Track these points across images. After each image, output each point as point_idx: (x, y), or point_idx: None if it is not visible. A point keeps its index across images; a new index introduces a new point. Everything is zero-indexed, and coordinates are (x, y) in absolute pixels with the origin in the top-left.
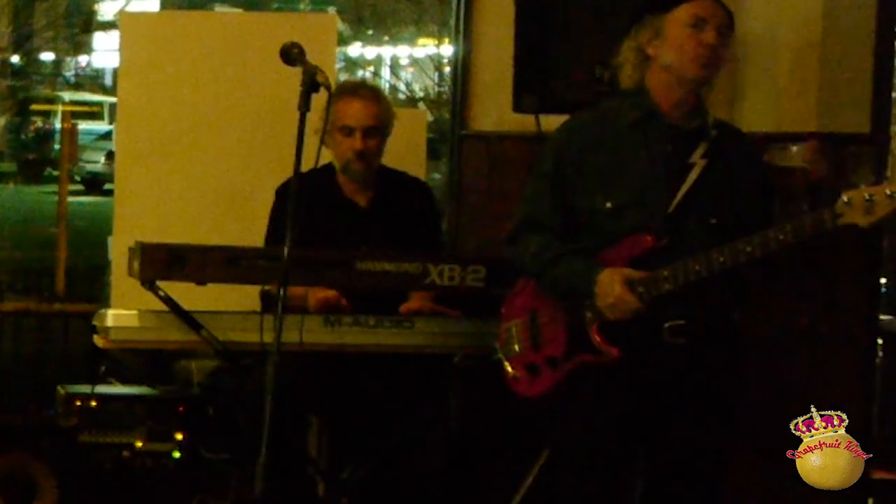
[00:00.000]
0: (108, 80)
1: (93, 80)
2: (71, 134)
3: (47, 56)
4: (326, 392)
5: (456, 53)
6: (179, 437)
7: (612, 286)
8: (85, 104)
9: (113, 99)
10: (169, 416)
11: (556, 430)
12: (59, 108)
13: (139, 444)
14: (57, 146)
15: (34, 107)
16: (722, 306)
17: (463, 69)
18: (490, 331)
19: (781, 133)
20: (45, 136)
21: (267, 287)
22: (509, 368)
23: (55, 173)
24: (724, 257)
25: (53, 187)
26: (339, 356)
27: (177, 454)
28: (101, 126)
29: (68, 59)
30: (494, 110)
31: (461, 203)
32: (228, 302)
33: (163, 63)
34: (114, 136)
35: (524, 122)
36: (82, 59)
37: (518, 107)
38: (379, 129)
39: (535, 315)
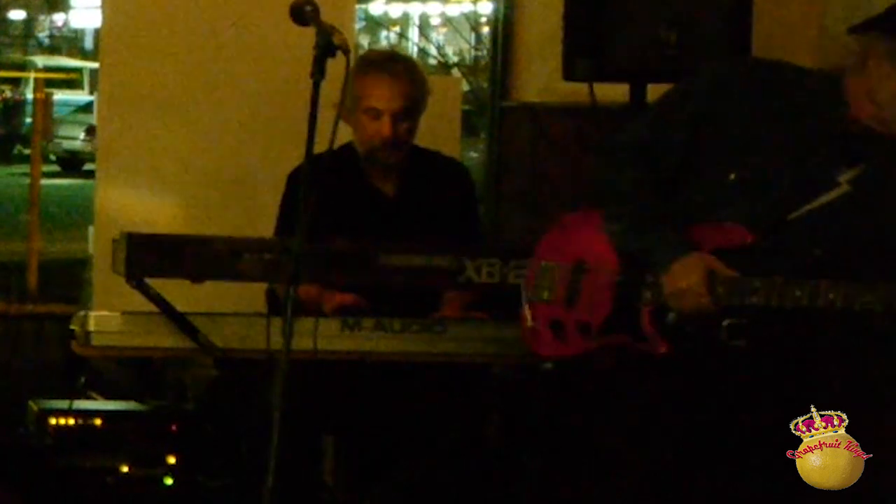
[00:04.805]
0: (88, 43)
1: (70, 42)
2: (45, 105)
3: (17, 14)
4: (344, 408)
5: (496, 11)
6: (172, 460)
7: (692, 272)
8: (61, 70)
9: (94, 65)
10: (160, 436)
11: (593, 433)
12: (32, 75)
13: (125, 469)
14: (29, 119)
15: (2, 73)
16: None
17: (504, 30)
18: None
19: None
20: (15, 107)
21: (274, 285)
22: (528, 316)
23: (26, 151)
24: (834, 295)
25: (24, 167)
26: (359, 366)
27: (169, 480)
28: (81, 96)
29: (42, 17)
30: (541, 78)
31: (502, 186)
32: (229, 303)
33: (152, 23)
34: (95, 109)
35: (576, 92)
36: (58, 18)
37: (569, 74)
38: (412, 111)
39: (581, 265)
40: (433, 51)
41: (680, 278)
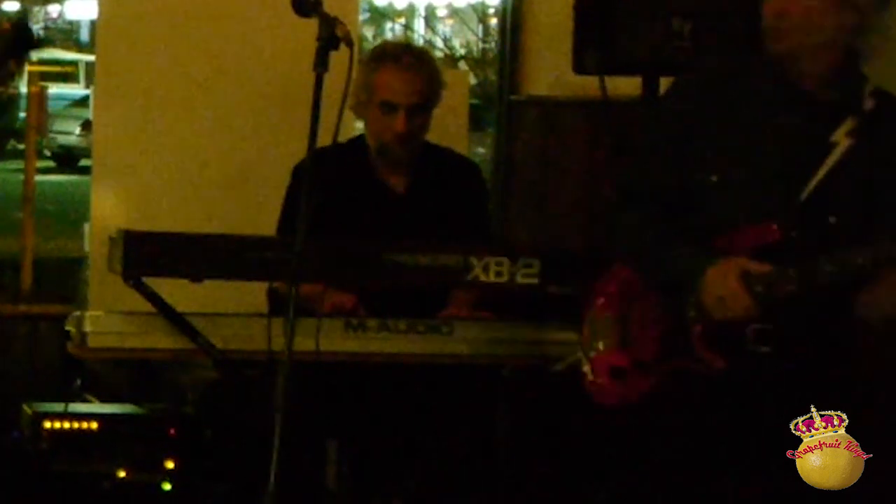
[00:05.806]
0: (83, 35)
1: (66, 34)
2: (40, 99)
3: (11, 6)
4: (347, 410)
5: (505, 2)
6: (171, 465)
7: (726, 279)
8: (56, 64)
9: (90, 57)
10: (158, 441)
11: (602, 436)
12: (26, 68)
13: (122, 474)
14: (23, 114)
15: None
16: (823, 310)
17: (513, 21)
18: (545, 337)
19: None
20: (9, 101)
21: (276, 285)
22: (589, 371)
23: (20, 147)
24: (863, 259)
25: (18, 163)
26: (363, 367)
27: (167, 486)
28: (76, 90)
29: (36, 8)
30: (551, 71)
31: (511, 182)
32: (229, 303)
33: (150, 14)
34: (91, 103)
35: (586, 86)
36: (53, 10)
37: (579, 66)
38: (426, 106)
39: (627, 308)
40: (440, 43)
41: (717, 287)
